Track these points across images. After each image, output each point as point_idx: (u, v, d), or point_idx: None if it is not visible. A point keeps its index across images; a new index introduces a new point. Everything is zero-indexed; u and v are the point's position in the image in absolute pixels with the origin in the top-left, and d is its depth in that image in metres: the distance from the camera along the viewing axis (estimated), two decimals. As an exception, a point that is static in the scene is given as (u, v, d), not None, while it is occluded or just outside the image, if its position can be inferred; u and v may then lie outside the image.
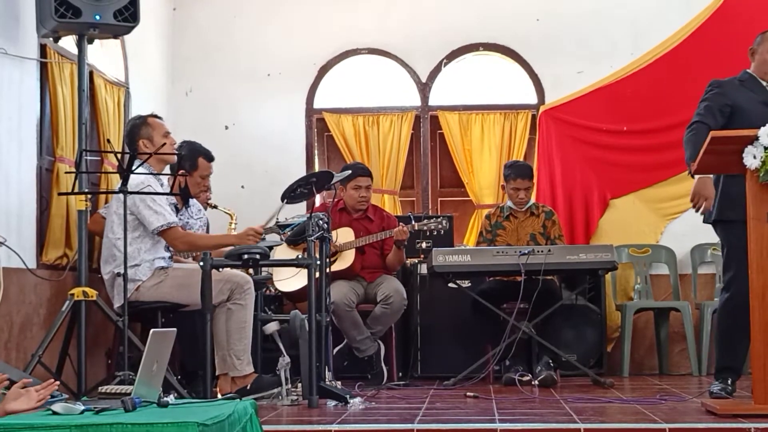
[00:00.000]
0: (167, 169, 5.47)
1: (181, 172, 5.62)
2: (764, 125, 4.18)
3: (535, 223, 6.47)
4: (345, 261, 6.22)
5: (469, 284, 6.35)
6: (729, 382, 4.80)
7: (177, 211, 5.62)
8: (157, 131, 5.31)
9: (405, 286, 6.36)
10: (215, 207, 6.10)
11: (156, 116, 5.45)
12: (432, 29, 7.60)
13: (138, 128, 5.33)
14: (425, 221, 6.23)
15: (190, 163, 5.75)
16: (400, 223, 6.25)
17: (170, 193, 5.31)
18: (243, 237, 5.21)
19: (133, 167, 4.83)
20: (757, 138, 4.18)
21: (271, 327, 5.09)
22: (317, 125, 7.79)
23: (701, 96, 5.02)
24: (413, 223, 6.22)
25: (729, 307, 4.72)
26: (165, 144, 5.28)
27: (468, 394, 5.32)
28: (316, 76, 7.70)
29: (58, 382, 3.18)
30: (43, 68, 5.46)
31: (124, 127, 6.26)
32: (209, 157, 5.89)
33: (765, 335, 4.17)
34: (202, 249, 5.30)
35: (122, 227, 4.83)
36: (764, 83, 4.91)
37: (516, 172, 6.45)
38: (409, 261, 6.71)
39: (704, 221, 4.95)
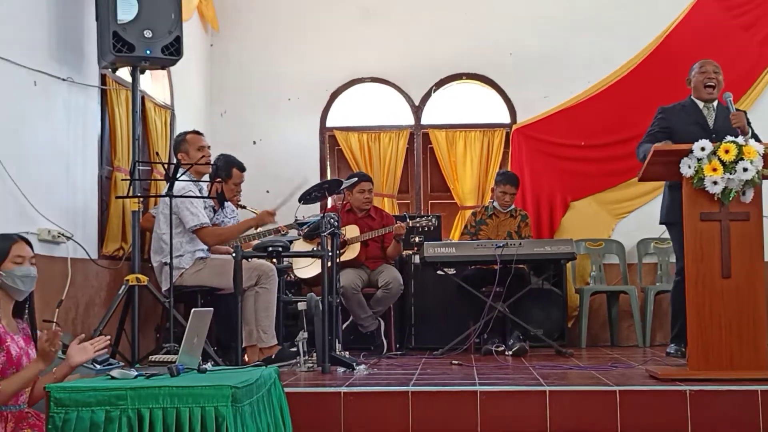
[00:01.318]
0: (206, 177, 5.47)
1: (218, 180, 5.63)
2: (693, 141, 4.20)
3: (512, 224, 6.48)
4: (352, 252, 6.23)
5: (454, 272, 6.35)
6: (682, 345, 4.87)
7: (214, 212, 5.62)
8: (192, 146, 5.29)
9: (401, 274, 6.36)
10: (244, 207, 6.09)
11: (196, 132, 5.42)
12: (423, 61, 7.61)
13: (178, 144, 5.34)
14: (418, 219, 6.25)
15: (226, 173, 5.75)
16: (398, 221, 6.28)
17: (208, 197, 5.31)
18: (260, 218, 5.22)
19: (178, 175, 4.85)
20: (691, 151, 4.19)
21: (302, 305, 5.11)
22: (329, 141, 7.78)
23: (651, 119, 5.05)
24: (408, 221, 6.23)
25: (679, 288, 4.72)
26: (202, 156, 5.28)
27: (453, 362, 5.31)
28: (328, 100, 7.71)
29: (108, 337, 3.18)
30: (103, 94, 5.48)
31: (171, 141, 6.28)
32: (242, 168, 5.89)
33: (698, 315, 4.17)
34: (229, 239, 5.29)
35: (168, 224, 4.85)
36: (701, 105, 4.91)
37: (505, 179, 6.48)
38: (404, 252, 6.71)
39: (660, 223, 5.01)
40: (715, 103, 4.92)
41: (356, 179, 6.23)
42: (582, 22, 7.45)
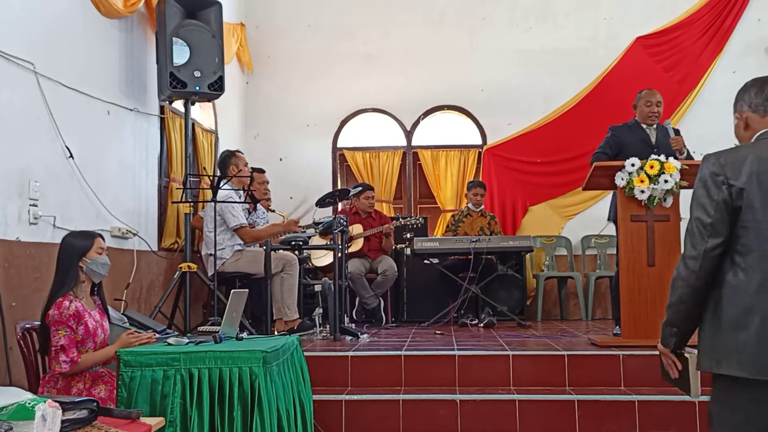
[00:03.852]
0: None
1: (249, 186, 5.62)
2: (640, 154, 4.19)
3: (484, 222, 6.46)
4: (357, 245, 6.22)
5: (438, 261, 6.35)
6: None
7: (249, 213, 5.61)
8: (241, 162, 5.32)
9: (396, 263, 6.35)
10: (273, 211, 6.09)
11: (240, 152, 5.48)
12: (414, 96, 7.60)
13: (229, 158, 5.33)
14: (409, 220, 6.24)
15: (249, 179, 5.73)
16: (386, 224, 6.29)
17: (244, 202, 5.31)
18: (288, 225, 5.22)
19: (221, 184, 4.84)
20: (623, 167, 4.19)
21: (318, 287, 5.11)
22: (339, 158, 7.77)
23: (593, 142, 4.98)
24: (401, 220, 6.23)
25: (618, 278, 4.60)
26: (242, 170, 5.28)
27: (436, 332, 5.32)
28: (338, 126, 7.69)
29: (151, 334, 3.16)
30: (162, 121, 5.46)
31: (215, 159, 6.27)
32: (259, 170, 5.90)
33: (629, 294, 4.18)
34: (263, 238, 5.29)
35: (213, 224, 4.83)
36: (644, 126, 4.84)
37: (476, 184, 6.52)
38: (398, 246, 6.71)
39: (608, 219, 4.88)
40: (655, 125, 4.87)
41: (361, 188, 6.23)
42: (538, 64, 7.45)
